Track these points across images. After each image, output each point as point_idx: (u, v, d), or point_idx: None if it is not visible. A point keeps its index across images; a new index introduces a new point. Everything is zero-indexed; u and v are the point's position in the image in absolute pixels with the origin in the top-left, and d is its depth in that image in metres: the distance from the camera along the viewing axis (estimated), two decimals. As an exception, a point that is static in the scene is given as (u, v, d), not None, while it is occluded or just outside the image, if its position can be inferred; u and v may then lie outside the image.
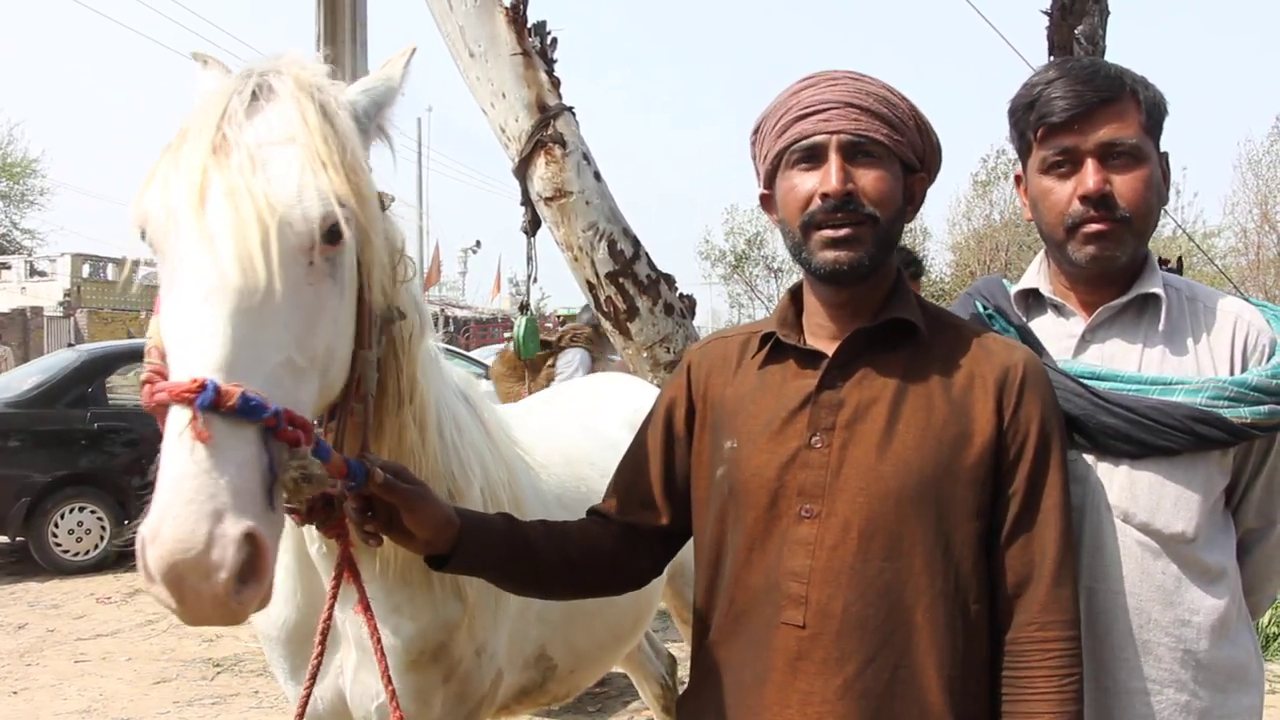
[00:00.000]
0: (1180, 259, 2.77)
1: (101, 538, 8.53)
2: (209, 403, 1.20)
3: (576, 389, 3.65)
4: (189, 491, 1.18)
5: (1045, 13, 5.76)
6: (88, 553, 8.47)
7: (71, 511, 8.43)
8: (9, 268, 35.14)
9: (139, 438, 8.65)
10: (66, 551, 8.41)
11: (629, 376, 4.05)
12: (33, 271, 34.83)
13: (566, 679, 2.57)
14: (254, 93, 1.43)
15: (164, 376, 1.29)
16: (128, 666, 6.03)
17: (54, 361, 9.48)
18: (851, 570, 1.49)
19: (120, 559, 8.57)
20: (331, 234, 1.39)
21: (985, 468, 1.52)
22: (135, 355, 9.91)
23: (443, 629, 1.97)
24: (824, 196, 1.54)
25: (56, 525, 8.36)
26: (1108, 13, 5.74)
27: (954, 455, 1.51)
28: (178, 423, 1.21)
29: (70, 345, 13.70)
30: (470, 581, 1.98)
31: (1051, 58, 5.63)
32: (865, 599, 1.48)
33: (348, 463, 1.47)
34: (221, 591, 1.19)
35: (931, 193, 1.68)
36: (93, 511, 8.51)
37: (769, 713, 1.51)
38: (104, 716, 5.18)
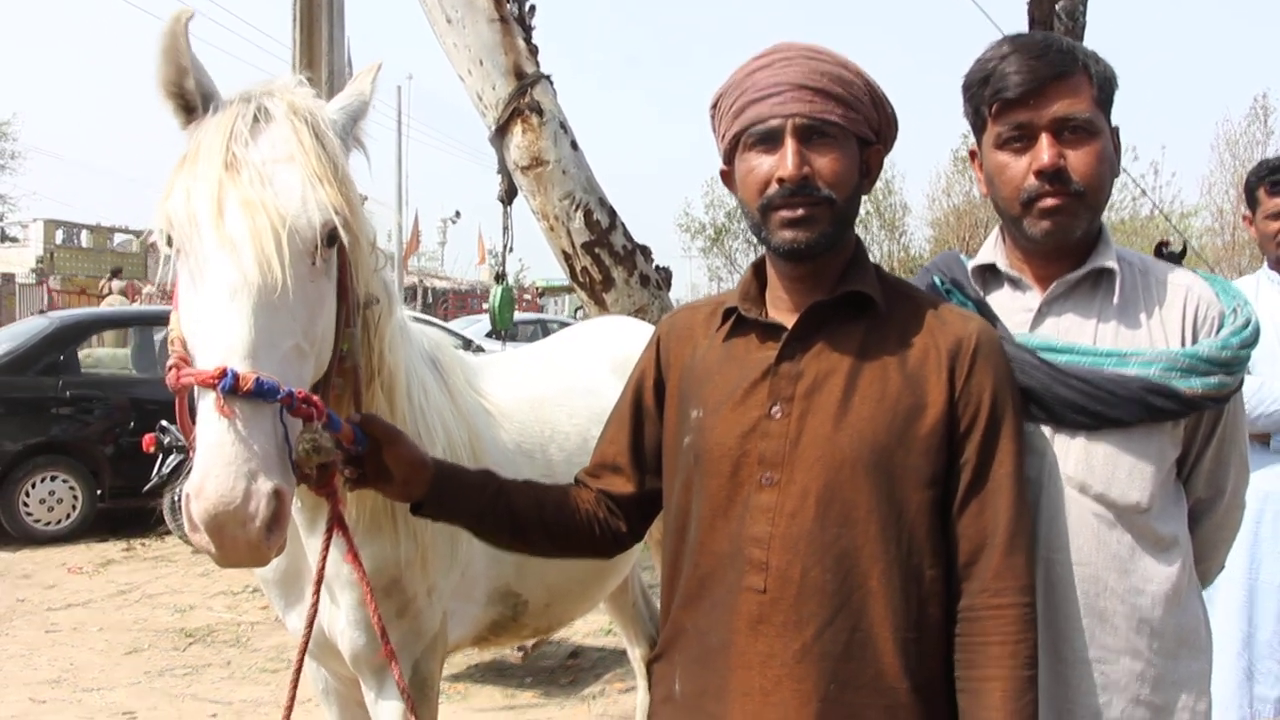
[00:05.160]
0: (1185, 244, 2.80)
1: (74, 507, 8.48)
2: (229, 387, 1.44)
3: (576, 332, 3.62)
4: (227, 456, 1.43)
5: (1024, -13, 5.76)
6: (59, 522, 8.42)
7: (43, 480, 8.36)
8: (-20, 234, 34.66)
9: (112, 406, 8.61)
10: (38, 521, 8.35)
11: (626, 319, 3.98)
12: (4, 237, 34.41)
13: (543, 613, 2.76)
14: (255, 116, 1.65)
15: (188, 363, 1.54)
16: (99, 636, 6.02)
17: (25, 328, 9.37)
18: (809, 537, 1.53)
19: (93, 528, 8.55)
20: (330, 238, 1.65)
21: (938, 437, 1.55)
22: (109, 323, 9.84)
23: (395, 565, 2.21)
24: (780, 181, 1.56)
25: (28, 494, 8.30)
26: (1087, -12, 5.74)
27: (907, 425, 1.54)
28: (207, 403, 1.46)
29: (42, 312, 13.55)
30: (426, 528, 2.19)
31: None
32: (823, 565, 1.52)
33: (356, 430, 1.68)
34: (255, 537, 1.44)
35: (911, 168, 1.72)
36: (64, 480, 8.44)
37: (733, 674, 1.55)
38: (74, 686, 5.17)
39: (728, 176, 1.71)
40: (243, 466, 1.43)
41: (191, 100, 1.68)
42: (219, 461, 1.43)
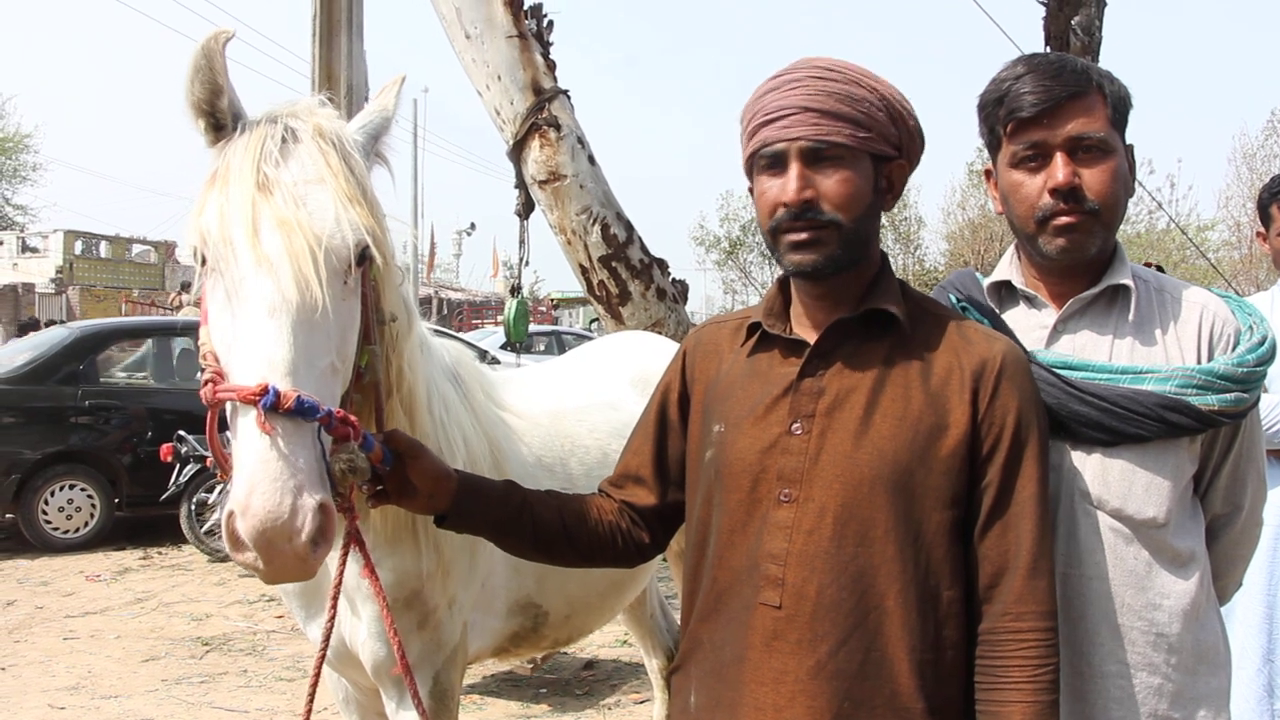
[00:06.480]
0: (1160, 268, 2.83)
1: (92, 515, 8.55)
2: (270, 404, 1.44)
3: (596, 347, 3.63)
4: (272, 472, 1.43)
5: (1042, 2, 5.78)
6: (77, 530, 8.49)
7: (62, 489, 8.44)
8: (1, 244, 34.99)
9: (130, 416, 8.68)
10: (56, 529, 8.42)
11: (647, 334, 3.98)
12: (25, 248, 34.73)
13: (563, 624, 2.76)
14: (283, 138, 1.67)
15: (224, 378, 1.53)
16: (116, 644, 6.06)
17: (45, 338, 9.46)
18: (826, 555, 1.52)
19: (111, 537, 8.61)
20: (362, 258, 1.67)
21: (960, 458, 1.54)
22: (128, 333, 9.93)
23: (416, 577, 2.22)
24: (784, 206, 1.57)
25: (46, 502, 8.38)
26: (1104, 4, 5.76)
27: (929, 445, 1.54)
28: (248, 420, 1.45)
29: (61, 322, 13.70)
30: (447, 540, 2.22)
31: (1047, 48, 5.65)
32: (839, 583, 1.52)
33: (384, 450, 1.68)
34: (303, 551, 1.43)
35: (927, 182, 1.71)
36: (83, 489, 8.52)
37: (746, 689, 1.55)
38: (92, 694, 5.21)
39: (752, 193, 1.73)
40: (288, 482, 1.43)
41: (223, 119, 1.69)
42: (265, 478, 1.42)
